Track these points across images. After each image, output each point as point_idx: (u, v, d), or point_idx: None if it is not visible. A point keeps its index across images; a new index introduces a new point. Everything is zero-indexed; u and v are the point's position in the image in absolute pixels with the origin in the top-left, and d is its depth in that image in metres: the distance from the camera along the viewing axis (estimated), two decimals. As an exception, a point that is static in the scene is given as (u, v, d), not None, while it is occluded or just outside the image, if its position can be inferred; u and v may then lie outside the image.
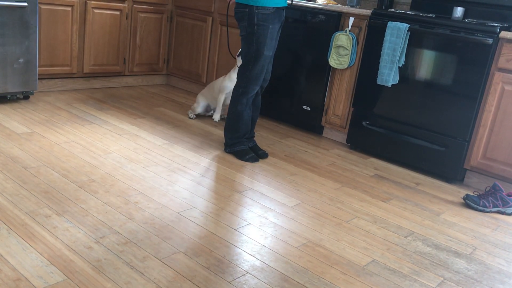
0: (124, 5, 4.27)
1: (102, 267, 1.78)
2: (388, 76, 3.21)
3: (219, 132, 3.57)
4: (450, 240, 2.37)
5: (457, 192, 2.98)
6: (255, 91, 3.02)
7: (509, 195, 2.77)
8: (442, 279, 2.01)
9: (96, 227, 2.04)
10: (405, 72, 3.24)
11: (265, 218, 2.33)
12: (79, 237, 1.95)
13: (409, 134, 3.29)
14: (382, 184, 2.98)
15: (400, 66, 3.20)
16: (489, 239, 2.44)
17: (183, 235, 2.08)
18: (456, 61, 3.05)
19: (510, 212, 2.76)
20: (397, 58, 3.17)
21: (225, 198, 2.49)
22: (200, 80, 4.54)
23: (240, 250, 2.02)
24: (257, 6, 2.80)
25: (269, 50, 2.91)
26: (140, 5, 4.40)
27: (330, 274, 1.94)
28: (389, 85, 3.24)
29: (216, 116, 3.71)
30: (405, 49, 3.17)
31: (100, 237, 1.97)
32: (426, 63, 3.18)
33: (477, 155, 3.03)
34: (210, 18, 4.35)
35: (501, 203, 2.76)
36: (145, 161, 2.83)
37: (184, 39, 4.60)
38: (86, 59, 4.16)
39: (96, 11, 4.10)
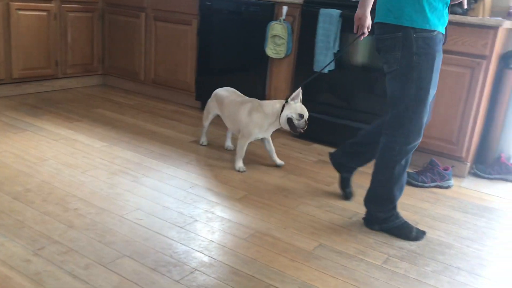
0: (51, 5, 4.09)
1: (43, 279, 1.70)
2: (324, 62, 3.26)
3: (162, 130, 3.50)
4: (393, 217, 2.45)
5: (398, 171, 3.08)
6: (416, 147, 2.20)
7: (445, 169, 2.90)
8: (387, 256, 2.07)
9: (33, 238, 1.95)
10: (340, 58, 3.29)
11: (212, 213, 2.31)
12: (15, 251, 1.85)
13: (349, 118, 3.36)
14: (326, 169, 3.03)
15: (335, 52, 3.25)
16: (429, 213, 2.53)
17: (128, 238, 2.02)
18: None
19: (447, 185, 2.88)
20: (332, 44, 3.22)
21: (169, 196, 2.45)
22: (137, 77, 4.43)
23: (187, 248, 1.99)
24: (415, 28, 1.99)
25: (434, 87, 2.10)
26: (68, 4, 4.22)
27: (279, 262, 1.95)
28: (326, 71, 3.29)
29: (239, 165, 2.88)
30: (339, 35, 3.22)
31: (39, 249, 1.88)
32: (361, 48, 3.25)
33: (413, 133, 3.14)
34: (143, 14, 4.24)
35: (438, 178, 2.88)
36: (84, 165, 2.73)
37: (118, 37, 4.47)
38: (15, 64, 3.95)
39: (20, 12, 3.89)
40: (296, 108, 2.73)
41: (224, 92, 3.08)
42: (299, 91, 2.75)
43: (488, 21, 2.81)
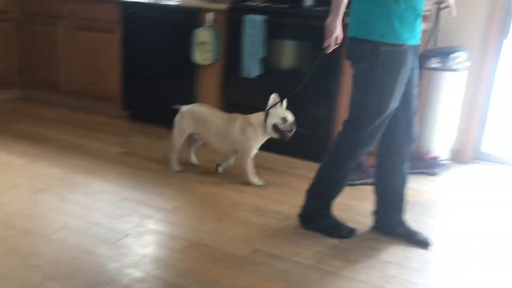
0: (-40, 15, 3.83)
1: (-41, 313, 1.58)
2: (251, 68, 3.29)
3: (88, 143, 3.37)
4: (324, 217, 2.51)
5: (328, 171, 3.16)
6: (363, 156, 2.27)
7: (369, 167, 3.01)
8: (320, 255, 2.12)
9: None
10: (268, 63, 3.33)
11: (144, 226, 2.25)
12: None
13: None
14: (259, 172, 3.05)
15: (262, 57, 3.28)
16: (357, 210, 2.62)
17: (54, 260, 1.92)
18: (312, 48, 3.21)
19: (372, 182, 2.99)
20: (258, 50, 3.26)
21: (98, 212, 2.36)
22: (59, 89, 4.23)
23: (118, 265, 1.92)
24: (385, 43, 2.02)
25: (396, 101, 2.11)
26: (-21, 14, 3.97)
27: (214, 271, 1.94)
28: (254, 76, 3.32)
29: (254, 180, 2.86)
30: (264, 40, 3.26)
31: (-47, 280, 1.75)
32: (287, 52, 3.31)
33: (340, 133, 3.24)
34: (63, 23, 4.06)
35: (365, 175, 2.98)
36: (3, 185, 2.57)
37: (37, 48, 4.25)
38: None
39: None
40: (278, 113, 2.75)
41: (202, 109, 2.96)
42: (274, 97, 2.75)
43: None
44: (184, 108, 2.98)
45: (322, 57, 2.33)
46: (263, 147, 3.41)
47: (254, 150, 2.85)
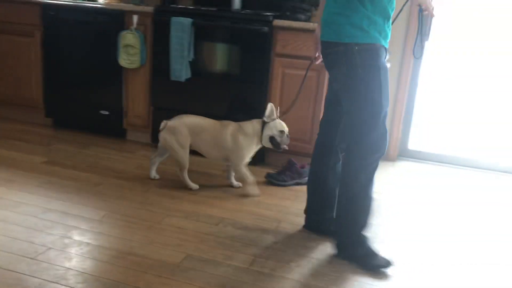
0: None
1: None
2: (180, 71, 3.24)
3: (7, 153, 3.16)
4: (257, 218, 2.51)
5: (261, 172, 3.16)
6: (378, 162, 2.11)
7: (302, 167, 3.06)
8: (253, 257, 2.11)
9: None
10: (197, 66, 3.29)
11: (69, 238, 2.14)
12: None
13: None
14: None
15: (190, 60, 3.24)
16: (290, 210, 2.65)
17: (-33, 280, 1.77)
18: (240, 50, 3.22)
19: (305, 182, 3.04)
20: (186, 53, 3.21)
21: (17, 225, 2.21)
22: (35, 105, 3.82)
23: (40, 280, 1.80)
24: (357, 43, 1.97)
25: (387, 99, 2.04)
26: None
27: (145, 280, 1.87)
28: (183, 80, 3.27)
29: (253, 191, 2.80)
30: (192, 43, 3.22)
31: None
32: (215, 55, 3.29)
33: (271, 135, 3.26)
34: (39, 33, 3.68)
35: (297, 176, 3.03)
36: None
37: (7, 61, 3.81)
38: None
39: None
40: (276, 125, 2.72)
41: (194, 118, 2.82)
42: (271, 107, 2.72)
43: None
44: (172, 122, 2.78)
45: (310, 66, 2.41)
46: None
47: (247, 159, 2.79)
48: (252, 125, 2.75)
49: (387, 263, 2.09)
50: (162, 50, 3.32)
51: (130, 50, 3.37)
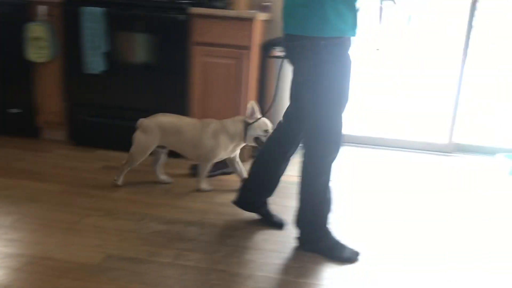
0: None
1: None
2: (94, 63, 3.09)
3: None
4: (182, 211, 2.45)
5: (186, 164, 3.09)
6: (335, 159, 2.07)
7: (227, 157, 3.03)
8: (178, 251, 2.06)
9: None
10: (113, 57, 3.15)
11: (-25, 248, 1.97)
12: None
13: (131, 118, 3.24)
14: (112, 174, 2.87)
15: (105, 51, 3.10)
16: (216, 201, 2.61)
17: None
18: (158, 40, 3.12)
19: (230, 171, 3.02)
20: (99, 44, 3.06)
21: None
22: None
23: None
24: (323, 37, 1.88)
25: (348, 96, 2.01)
26: None
27: (63, 285, 1.77)
28: (98, 72, 3.12)
29: (203, 186, 2.75)
30: (106, 33, 3.08)
31: None
32: (132, 45, 3.17)
33: (195, 126, 3.20)
34: None
35: (222, 165, 2.99)
36: None
37: None
38: None
39: None
40: (260, 125, 2.62)
41: (171, 119, 2.71)
42: (252, 107, 2.62)
43: (245, 14, 3.01)
44: (146, 121, 2.68)
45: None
46: (112, 147, 3.25)
47: (219, 158, 2.72)
48: (234, 125, 2.66)
49: (355, 254, 2.09)
50: (74, 42, 3.14)
51: (39, 43, 3.16)
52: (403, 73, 5.39)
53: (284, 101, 2.35)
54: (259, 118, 2.63)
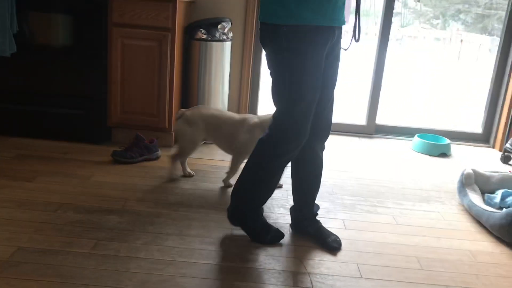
0: None
1: None
2: (3, 45, 2.87)
3: None
4: (101, 200, 2.36)
5: (107, 151, 2.99)
6: (292, 155, 1.95)
7: (151, 142, 2.96)
8: (96, 241, 1.98)
9: None
10: (24, 39, 2.95)
11: None
12: None
13: (47, 104, 3.08)
14: (26, 163, 2.72)
15: (15, 32, 2.89)
16: (139, 188, 2.55)
17: None
18: (74, 21, 2.96)
19: (155, 157, 2.96)
20: (8, 24, 2.85)
21: None
22: None
23: None
24: (284, 24, 1.79)
25: (313, 90, 1.87)
26: None
27: (-35, 283, 1.65)
28: (8, 55, 2.91)
29: (228, 181, 2.65)
30: (15, 13, 2.87)
31: None
32: (46, 26, 2.98)
33: (116, 111, 3.09)
34: None
35: (146, 151, 2.92)
36: None
37: None
38: None
39: None
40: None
41: (212, 111, 2.65)
42: None
43: (166, -6, 2.93)
44: (189, 113, 2.61)
45: None
46: (26, 134, 3.09)
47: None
48: (270, 120, 2.46)
49: (278, 237, 2.10)
50: (-21, 22, 2.91)
51: None
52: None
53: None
54: None
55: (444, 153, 3.55)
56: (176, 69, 3.11)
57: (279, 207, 2.45)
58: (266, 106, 3.99)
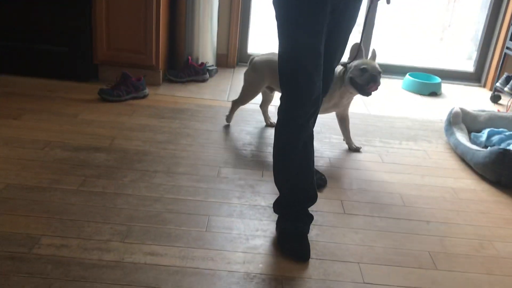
0: None
1: None
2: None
3: None
4: (89, 138, 2.36)
5: (93, 89, 2.95)
6: (305, 116, 1.59)
7: (138, 80, 2.91)
8: (84, 178, 2.00)
9: None
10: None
11: None
12: None
13: (31, 40, 3.00)
14: (12, 101, 2.69)
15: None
16: (126, 126, 2.54)
17: None
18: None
19: (142, 95, 2.93)
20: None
21: None
22: None
23: None
24: None
25: (311, 34, 1.52)
26: None
27: (-46, 218, 1.67)
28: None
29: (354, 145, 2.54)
30: None
31: None
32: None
33: (102, 48, 3.02)
34: None
35: (133, 89, 2.89)
36: None
37: None
38: None
39: None
40: (358, 64, 2.23)
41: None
42: (354, 47, 2.24)
43: None
44: (257, 59, 2.50)
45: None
46: (15, 71, 3.04)
47: (327, 109, 2.39)
48: (337, 68, 2.28)
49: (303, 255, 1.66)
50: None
51: None
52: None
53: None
54: (355, 57, 2.25)
55: (434, 92, 3.54)
56: (163, 4, 3.01)
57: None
58: (256, 45, 3.91)
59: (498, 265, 1.70)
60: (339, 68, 2.31)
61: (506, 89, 3.30)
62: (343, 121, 2.52)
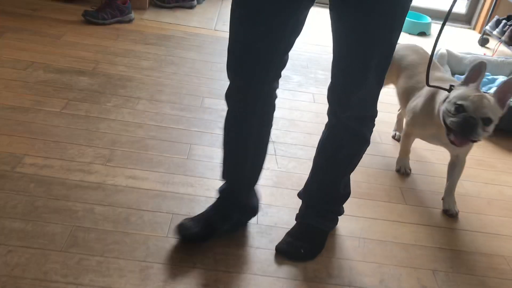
0: None
1: None
2: None
3: None
4: (73, 61, 2.34)
5: (78, 11, 2.86)
6: (231, 82, 1.31)
7: (124, 3, 2.84)
8: (67, 100, 2.01)
9: None
10: None
11: None
12: None
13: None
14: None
15: None
16: (110, 50, 2.51)
17: None
18: None
19: (128, 19, 2.86)
20: None
21: None
22: None
23: None
24: None
25: (247, 26, 1.21)
26: None
27: None
28: None
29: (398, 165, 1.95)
30: None
31: None
32: None
33: (86, -33, 2.91)
34: None
35: (119, 13, 2.82)
36: None
37: None
38: None
39: None
40: (458, 95, 1.49)
41: (415, 56, 1.92)
42: (478, 67, 1.48)
43: None
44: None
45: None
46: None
47: (414, 135, 1.84)
48: (443, 92, 1.60)
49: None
50: None
51: None
52: None
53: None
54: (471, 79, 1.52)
55: (423, 32, 3.52)
56: None
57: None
58: None
59: (464, 203, 1.80)
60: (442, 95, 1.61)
61: (495, 32, 3.29)
62: (453, 166, 1.77)
